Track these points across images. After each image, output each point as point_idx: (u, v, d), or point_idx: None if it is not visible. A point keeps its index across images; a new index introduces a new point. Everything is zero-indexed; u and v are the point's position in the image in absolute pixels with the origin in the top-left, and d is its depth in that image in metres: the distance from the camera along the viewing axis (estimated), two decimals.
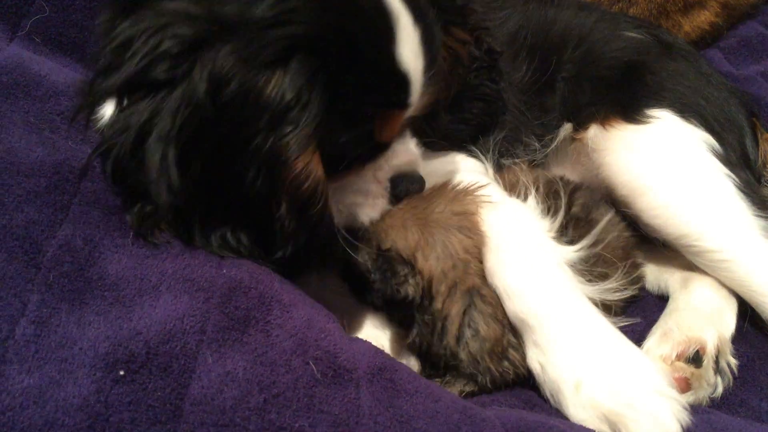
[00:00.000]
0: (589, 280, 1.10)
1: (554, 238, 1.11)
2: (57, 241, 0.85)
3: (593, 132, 1.35)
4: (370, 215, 1.08)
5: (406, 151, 1.10)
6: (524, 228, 1.10)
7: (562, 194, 1.22)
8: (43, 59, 1.22)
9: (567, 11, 1.47)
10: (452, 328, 1.04)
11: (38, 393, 0.72)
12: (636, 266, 1.31)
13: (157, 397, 0.75)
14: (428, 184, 1.13)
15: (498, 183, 1.25)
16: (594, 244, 1.16)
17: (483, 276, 1.06)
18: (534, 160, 1.41)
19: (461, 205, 1.09)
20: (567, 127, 1.41)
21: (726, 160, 1.26)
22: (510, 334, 1.06)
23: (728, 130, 1.32)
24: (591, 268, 1.13)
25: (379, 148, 1.05)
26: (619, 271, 1.20)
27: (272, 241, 0.92)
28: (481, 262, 1.07)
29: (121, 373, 0.75)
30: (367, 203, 1.08)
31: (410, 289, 1.04)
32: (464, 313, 1.04)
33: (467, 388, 1.07)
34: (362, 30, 0.88)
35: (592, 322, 1.03)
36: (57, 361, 0.75)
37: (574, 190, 1.28)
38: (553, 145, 1.41)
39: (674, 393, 0.97)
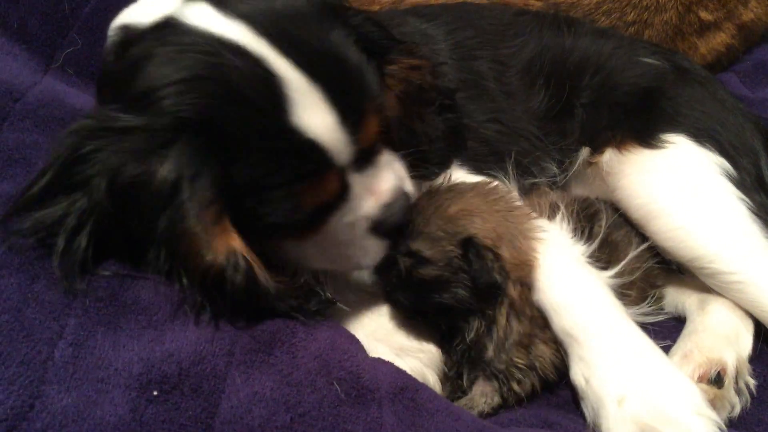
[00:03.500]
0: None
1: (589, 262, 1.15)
2: None
3: (608, 156, 1.37)
4: (367, 263, 1.08)
5: (377, 182, 1.02)
6: (569, 250, 1.14)
7: (603, 218, 1.26)
8: (77, 91, 1.26)
9: (584, 39, 1.49)
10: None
11: (76, 412, 0.74)
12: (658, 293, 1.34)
13: (189, 416, 0.78)
14: None
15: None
16: (626, 272, 1.19)
17: None
18: (555, 183, 1.43)
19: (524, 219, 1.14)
20: (584, 152, 1.43)
21: (740, 183, 1.27)
22: (538, 329, 1.10)
23: (743, 154, 1.33)
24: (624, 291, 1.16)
25: (333, 202, 0.98)
26: (649, 299, 1.24)
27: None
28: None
29: (155, 393, 0.78)
30: (357, 254, 1.05)
31: (497, 276, 1.07)
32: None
33: (487, 407, 1.08)
34: (244, 105, 0.86)
35: (637, 340, 1.06)
36: (94, 381, 0.77)
37: (596, 211, 1.30)
38: (572, 170, 1.43)
39: (713, 414, 0.98)
